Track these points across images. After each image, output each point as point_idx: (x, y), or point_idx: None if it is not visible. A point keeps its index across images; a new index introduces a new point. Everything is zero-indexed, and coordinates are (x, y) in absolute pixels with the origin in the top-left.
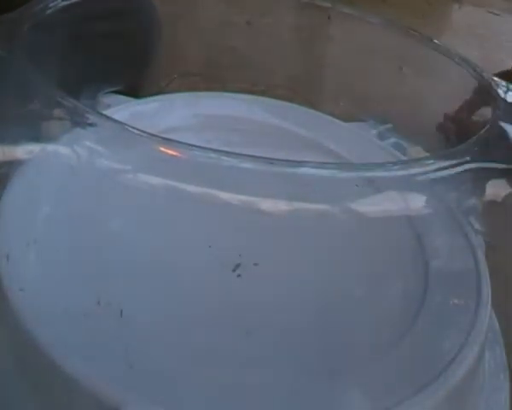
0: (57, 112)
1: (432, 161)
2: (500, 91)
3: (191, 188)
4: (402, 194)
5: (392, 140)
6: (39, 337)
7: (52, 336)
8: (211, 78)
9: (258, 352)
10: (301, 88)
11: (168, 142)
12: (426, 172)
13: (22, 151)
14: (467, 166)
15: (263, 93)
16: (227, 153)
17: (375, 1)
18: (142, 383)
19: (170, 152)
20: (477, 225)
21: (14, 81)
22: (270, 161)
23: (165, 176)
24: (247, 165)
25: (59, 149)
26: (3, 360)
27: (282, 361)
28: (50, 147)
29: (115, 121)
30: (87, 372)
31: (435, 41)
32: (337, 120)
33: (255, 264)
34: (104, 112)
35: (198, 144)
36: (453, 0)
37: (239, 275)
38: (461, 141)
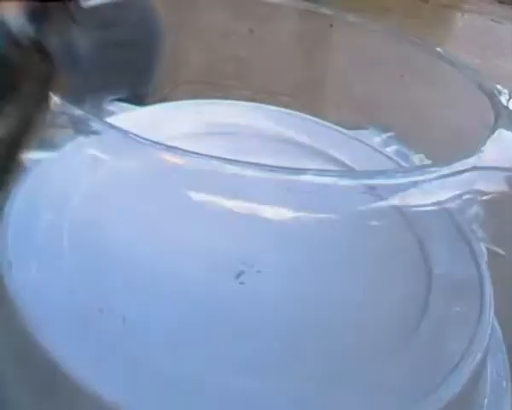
0: (61, 120)
1: (434, 169)
2: (502, 99)
3: (194, 195)
4: (404, 201)
5: (395, 148)
6: (42, 343)
7: (55, 342)
8: (214, 85)
9: (259, 357)
10: (304, 96)
11: (171, 149)
12: (428, 180)
13: (25, 159)
14: (469, 174)
15: (265, 101)
16: (230, 160)
17: (378, 9)
18: (144, 387)
19: (173, 160)
20: (479, 233)
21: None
22: (273, 168)
23: (169, 183)
24: (250, 172)
25: (63, 156)
26: (6, 365)
27: (285, 367)
28: (54, 155)
29: (119, 129)
30: (89, 376)
31: (438, 49)
32: (339, 128)
33: (258, 271)
34: (108, 120)
35: (201, 152)
36: (456, 8)
37: (242, 282)
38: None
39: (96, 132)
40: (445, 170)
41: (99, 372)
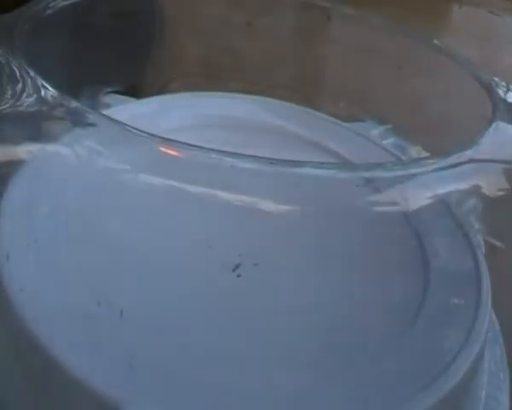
0: (57, 112)
1: (432, 161)
2: (500, 91)
3: (191, 188)
4: (402, 194)
5: (392, 140)
6: (39, 337)
7: (52, 336)
8: (211, 78)
9: (258, 352)
10: (301, 88)
11: (168, 142)
12: (426, 172)
13: (22, 151)
14: (467, 167)
15: (263, 93)
16: (227, 153)
17: (375, 1)
18: (143, 383)
19: (170, 152)
20: (477, 225)
21: (15, 81)
22: (271, 161)
23: (166, 176)
24: (248, 165)
25: (59, 149)
26: (3, 360)
27: (282, 362)
28: (50, 147)
29: (115, 121)
30: (88, 372)
31: (435, 41)
32: (337, 121)
33: (255, 264)
34: (104, 112)
35: (198, 144)
36: (454, 0)
37: (239, 275)
38: None
39: (93, 125)
40: (443, 163)
41: (96, 366)
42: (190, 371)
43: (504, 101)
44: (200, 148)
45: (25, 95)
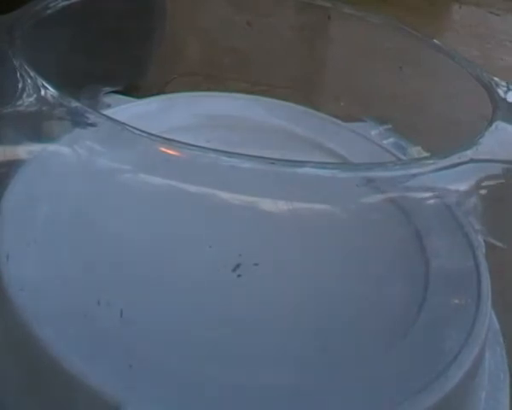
0: (58, 112)
1: (432, 161)
2: (500, 91)
3: (191, 188)
4: (402, 194)
5: (392, 140)
6: (39, 337)
7: (52, 336)
8: (211, 78)
9: (258, 352)
10: (302, 88)
11: (168, 142)
12: (426, 172)
13: (22, 151)
14: (467, 166)
15: (263, 93)
16: (227, 153)
17: (376, 1)
18: (143, 382)
19: (170, 152)
20: (477, 225)
21: (15, 81)
22: (271, 160)
23: (166, 176)
24: (248, 165)
25: (59, 148)
26: (3, 360)
27: (282, 361)
28: (51, 147)
29: (116, 121)
30: (87, 372)
31: (435, 41)
32: (337, 120)
33: (255, 264)
34: (104, 112)
35: (198, 144)
36: (453, 0)
37: (239, 275)
38: None
39: (93, 124)
40: (443, 163)
41: (96, 366)
42: (190, 371)
43: (504, 101)
44: (200, 148)
45: (25, 95)
